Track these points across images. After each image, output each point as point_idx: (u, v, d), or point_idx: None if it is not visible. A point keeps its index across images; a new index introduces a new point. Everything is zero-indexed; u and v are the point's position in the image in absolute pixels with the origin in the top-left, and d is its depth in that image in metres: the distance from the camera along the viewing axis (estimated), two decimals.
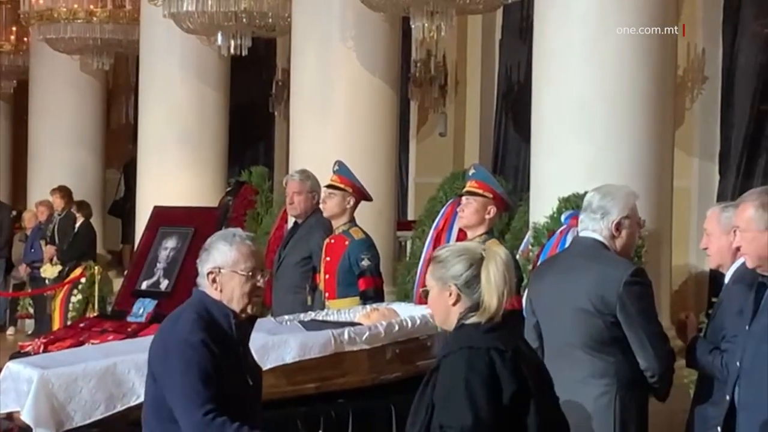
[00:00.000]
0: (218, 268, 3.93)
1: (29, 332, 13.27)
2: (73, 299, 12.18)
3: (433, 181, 11.07)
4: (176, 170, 11.66)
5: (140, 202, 11.95)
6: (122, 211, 15.68)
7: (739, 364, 3.99)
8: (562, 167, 7.27)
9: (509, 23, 12.92)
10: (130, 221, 13.67)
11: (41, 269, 12.92)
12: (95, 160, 14.85)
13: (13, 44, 15.84)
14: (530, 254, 7.28)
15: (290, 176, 7.55)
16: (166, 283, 10.11)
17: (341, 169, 7.02)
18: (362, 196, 7.03)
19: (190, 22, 10.14)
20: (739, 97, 10.66)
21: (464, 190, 6.20)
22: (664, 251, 7.51)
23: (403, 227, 10.97)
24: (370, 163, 9.17)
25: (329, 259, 6.86)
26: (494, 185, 6.12)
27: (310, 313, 6.42)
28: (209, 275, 3.95)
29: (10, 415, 4.93)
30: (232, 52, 10.40)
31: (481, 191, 6.03)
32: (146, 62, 12.09)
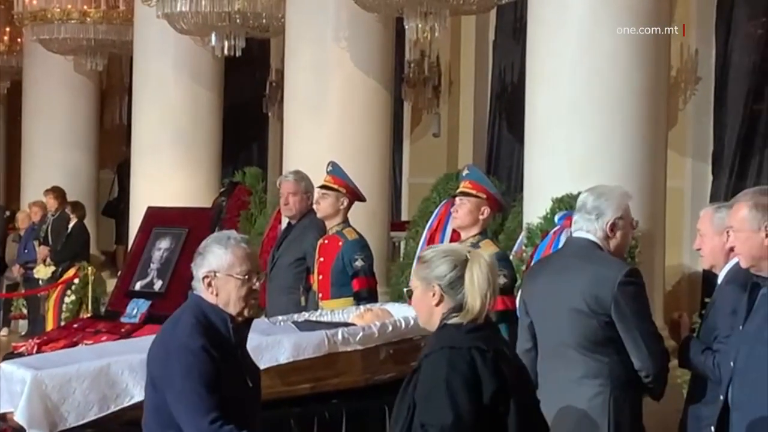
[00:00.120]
0: (213, 272, 3.90)
1: (23, 333, 13.24)
2: (66, 300, 12.16)
3: (426, 181, 11.05)
4: (170, 171, 11.64)
5: (134, 202, 11.93)
6: (116, 211, 15.66)
7: (732, 364, 3.99)
8: (555, 168, 7.27)
9: (503, 24, 12.93)
10: (123, 222, 13.67)
11: (35, 270, 12.91)
12: (89, 160, 14.85)
13: (6, 45, 15.84)
14: (524, 255, 7.28)
15: (284, 177, 7.54)
16: (159, 283, 10.09)
17: (335, 169, 7.01)
18: (356, 196, 7.02)
19: (183, 22, 10.13)
20: (732, 97, 10.67)
21: (458, 190, 6.21)
22: (657, 252, 7.52)
23: (396, 228, 10.96)
24: (363, 163, 9.15)
25: (323, 259, 6.85)
26: (488, 186, 6.12)
27: (303, 313, 6.42)
28: (205, 279, 3.91)
29: (3, 416, 4.92)
30: (225, 52, 10.38)
31: (474, 192, 6.03)
32: (140, 63, 12.09)
